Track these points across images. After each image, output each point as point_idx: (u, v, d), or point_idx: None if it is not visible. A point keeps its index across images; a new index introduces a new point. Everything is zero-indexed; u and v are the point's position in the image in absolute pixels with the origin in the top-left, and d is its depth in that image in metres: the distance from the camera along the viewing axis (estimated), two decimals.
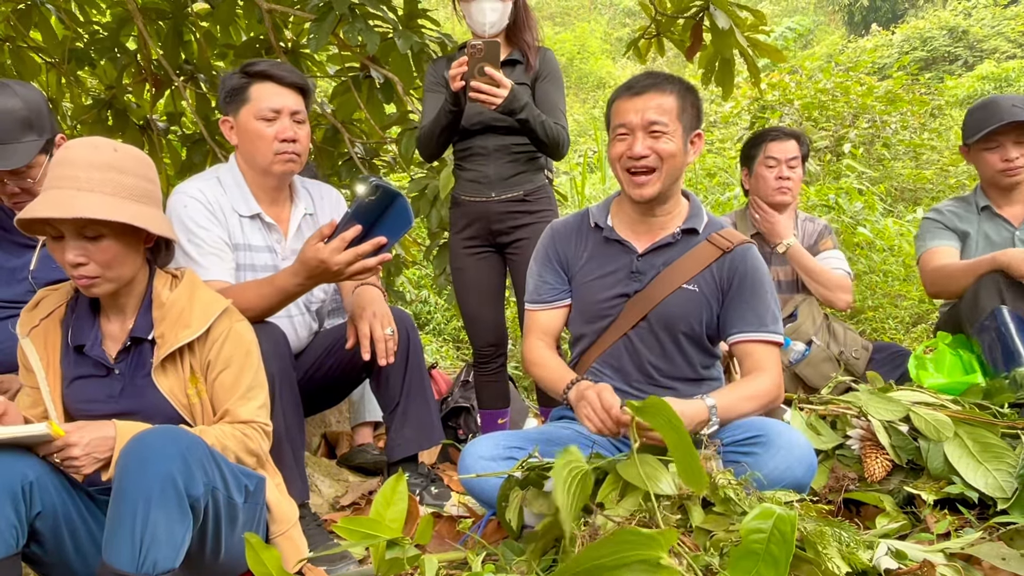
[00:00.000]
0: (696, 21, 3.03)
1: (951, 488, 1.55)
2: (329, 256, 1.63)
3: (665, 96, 1.66)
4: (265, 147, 1.88)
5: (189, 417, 1.49)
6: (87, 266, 1.39)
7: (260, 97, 1.87)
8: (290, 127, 1.88)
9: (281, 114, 1.88)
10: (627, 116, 1.67)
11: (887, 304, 4.69)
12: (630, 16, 20.69)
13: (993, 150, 2.38)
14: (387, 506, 1.31)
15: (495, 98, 2.10)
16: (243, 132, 1.90)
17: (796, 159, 2.64)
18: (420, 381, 2.06)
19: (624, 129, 1.68)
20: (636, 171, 1.67)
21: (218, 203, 1.88)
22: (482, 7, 2.21)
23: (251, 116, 1.88)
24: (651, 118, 1.64)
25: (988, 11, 14.23)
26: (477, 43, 2.07)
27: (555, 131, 2.25)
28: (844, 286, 2.56)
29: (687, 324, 1.73)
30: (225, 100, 1.91)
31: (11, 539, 1.22)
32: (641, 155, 1.65)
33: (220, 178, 1.93)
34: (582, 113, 16.06)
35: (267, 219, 1.95)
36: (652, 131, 1.65)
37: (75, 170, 1.36)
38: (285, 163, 1.90)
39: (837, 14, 19.60)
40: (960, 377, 2.11)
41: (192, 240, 1.81)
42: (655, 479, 1.32)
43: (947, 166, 7.39)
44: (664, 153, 1.65)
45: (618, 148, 1.70)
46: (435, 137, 2.31)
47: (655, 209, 1.75)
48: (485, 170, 2.34)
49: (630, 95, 1.68)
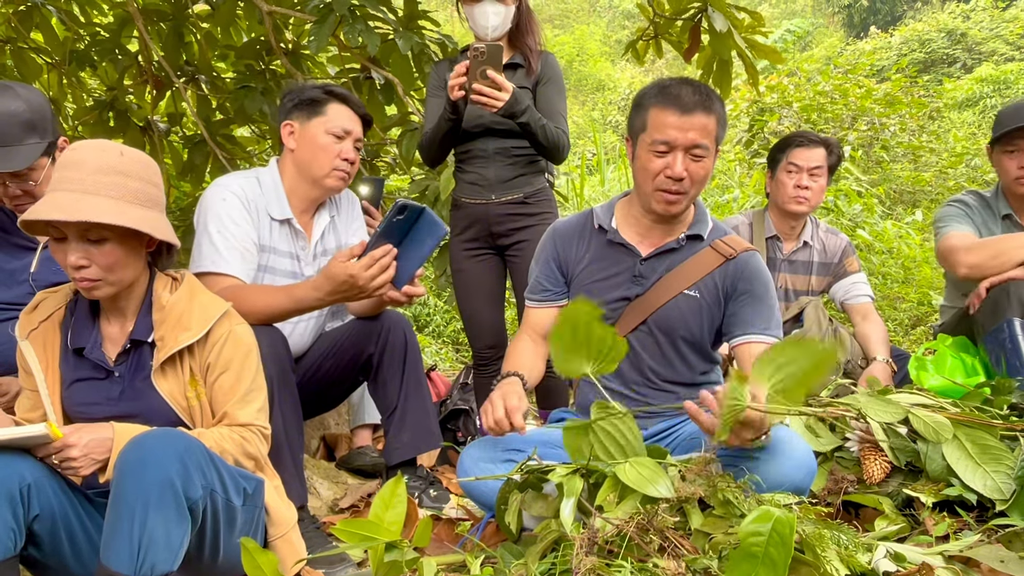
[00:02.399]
0: (694, 23, 3.03)
1: (950, 490, 1.55)
2: (358, 272, 1.68)
3: (710, 117, 1.61)
4: (327, 160, 1.96)
5: (188, 420, 1.49)
6: (89, 269, 1.39)
7: (336, 116, 1.97)
8: (352, 150, 1.99)
9: (349, 136, 1.99)
10: (670, 133, 1.61)
11: (886, 306, 4.69)
12: (629, 18, 20.71)
13: (1012, 155, 2.29)
14: (386, 508, 1.31)
15: (497, 101, 2.10)
16: (308, 141, 1.96)
17: (820, 168, 2.57)
18: (418, 385, 2.06)
19: (665, 147, 1.62)
20: (671, 190, 1.64)
21: (255, 203, 1.92)
22: (484, 10, 2.22)
23: (322, 129, 1.95)
24: (695, 140, 1.60)
25: (987, 13, 14.26)
26: (480, 46, 2.07)
27: (555, 135, 2.26)
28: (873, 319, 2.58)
29: (687, 329, 1.73)
30: (295, 106, 1.98)
31: (9, 541, 1.22)
32: (680, 176, 1.62)
33: (259, 179, 1.98)
34: (581, 115, 16.08)
35: (296, 226, 1.99)
36: (694, 154, 1.62)
37: (81, 173, 1.37)
38: (339, 180, 2.00)
39: (836, 16, 19.63)
40: (963, 379, 2.10)
41: (222, 231, 1.84)
42: (653, 482, 1.32)
43: (946, 168, 7.41)
44: (699, 177, 1.64)
45: (655, 164, 1.64)
46: (436, 144, 2.33)
47: (669, 218, 1.74)
48: (485, 173, 2.35)
49: (679, 112, 1.60)
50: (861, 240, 5.20)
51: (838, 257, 2.67)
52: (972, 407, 1.75)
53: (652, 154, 1.64)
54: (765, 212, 2.71)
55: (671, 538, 1.26)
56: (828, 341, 2.48)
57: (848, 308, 2.67)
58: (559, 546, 1.33)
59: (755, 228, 2.68)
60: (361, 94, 3.18)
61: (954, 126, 9.43)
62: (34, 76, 3.35)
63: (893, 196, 7.13)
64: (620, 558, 1.21)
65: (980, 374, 2.13)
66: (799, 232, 2.68)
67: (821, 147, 2.59)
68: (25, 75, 3.29)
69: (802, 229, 2.69)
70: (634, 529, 1.24)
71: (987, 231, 2.35)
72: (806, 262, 2.69)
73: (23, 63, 3.31)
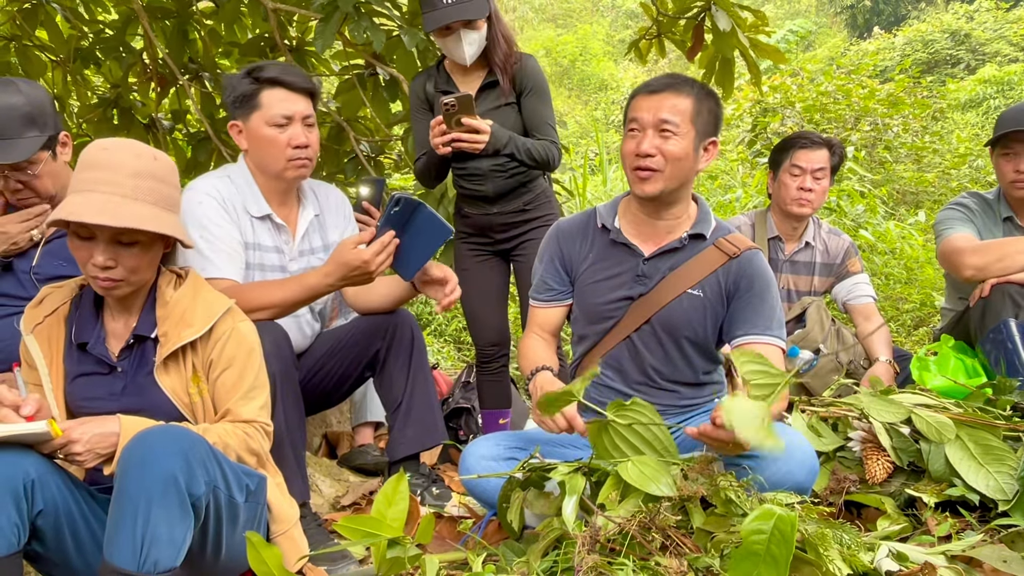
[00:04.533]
0: (697, 22, 3.03)
1: (952, 490, 1.55)
2: (371, 258, 1.74)
3: (681, 97, 1.64)
4: (278, 153, 1.88)
5: (191, 416, 1.49)
6: (115, 270, 1.41)
7: (271, 103, 1.86)
8: (302, 133, 1.88)
9: (293, 120, 1.87)
10: (640, 112, 1.66)
11: (889, 307, 4.69)
12: (632, 18, 20.69)
13: (1008, 158, 2.28)
14: (388, 505, 1.31)
15: (477, 144, 2.15)
16: (254, 138, 1.89)
17: (823, 170, 2.55)
18: (423, 381, 2.07)
19: (635, 125, 1.67)
20: (641, 168, 1.67)
21: (231, 202, 1.89)
22: (459, 43, 2.20)
23: (262, 122, 1.86)
24: (663, 117, 1.63)
25: (990, 14, 14.24)
26: (449, 100, 2.11)
27: (543, 152, 2.27)
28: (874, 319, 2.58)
29: (690, 329, 1.73)
30: (234, 104, 1.90)
31: (13, 537, 1.22)
32: (647, 153, 1.64)
33: (231, 177, 1.94)
34: (584, 115, 16.08)
35: (277, 220, 1.96)
36: (662, 130, 1.64)
37: (119, 176, 1.38)
38: (298, 169, 1.91)
39: (839, 17, 19.59)
40: (965, 380, 2.10)
41: (205, 237, 1.82)
42: (655, 481, 1.33)
43: (949, 169, 7.40)
44: (670, 154, 1.64)
45: (628, 144, 1.69)
46: (431, 174, 2.39)
47: (662, 212, 1.74)
48: (483, 189, 2.36)
49: (647, 92, 1.68)
50: (864, 241, 5.20)
51: (840, 258, 2.67)
52: (975, 407, 1.75)
53: (627, 137, 1.70)
54: (767, 213, 2.71)
55: (673, 536, 1.26)
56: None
57: (850, 309, 2.66)
58: (561, 544, 1.33)
59: (757, 229, 2.67)
60: (366, 91, 3.18)
61: (957, 127, 9.41)
62: (38, 73, 3.36)
63: (896, 197, 7.12)
64: (622, 556, 1.21)
65: (982, 375, 2.13)
66: (801, 233, 2.68)
67: (824, 148, 2.57)
68: (30, 72, 3.30)
69: (804, 230, 2.68)
70: (636, 527, 1.25)
71: (988, 234, 2.34)
72: (808, 263, 2.68)
73: (28, 60, 3.32)
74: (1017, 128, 2.21)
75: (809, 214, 2.60)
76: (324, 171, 3.49)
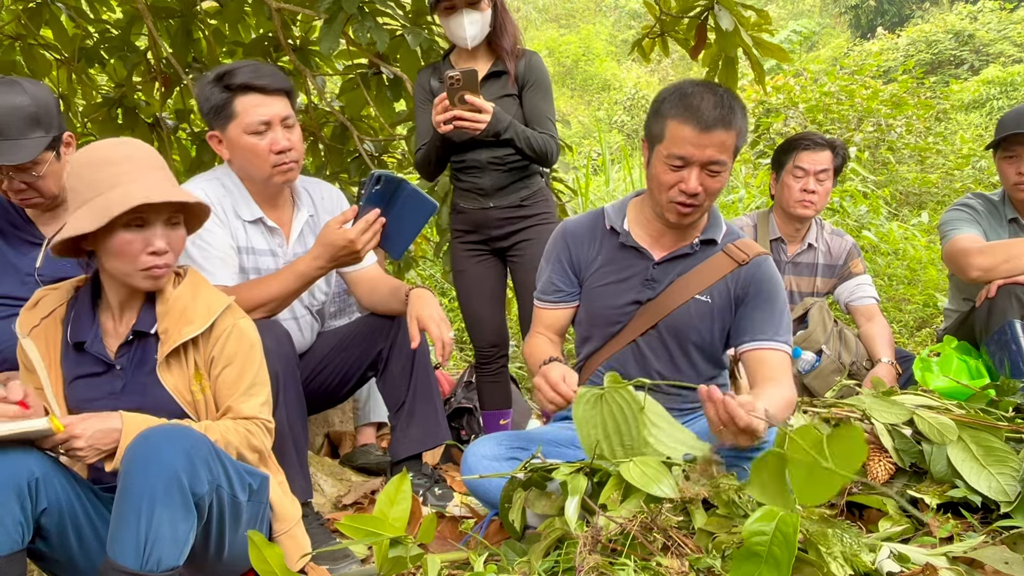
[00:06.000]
0: (701, 21, 3.02)
1: (954, 492, 1.54)
2: (356, 236, 1.75)
3: (730, 133, 1.56)
4: (261, 162, 1.83)
5: (193, 413, 1.50)
6: (167, 255, 1.44)
7: (247, 111, 1.79)
8: (283, 136, 1.82)
9: (272, 125, 1.81)
10: (687, 149, 1.56)
11: (891, 308, 4.68)
12: (635, 18, 20.68)
13: (1011, 160, 2.28)
14: (391, 505, 1.31)
15: (479, 124, 2.12)
16: (235, 147, 1.84)
17: (827, 171, 2.55)
18: (427, 381, 2.07)
19: (681, 162, 1.58)
20: (684, 203, 1.61)
21: (222, 206, 1.87)
22: (461, 21, 2.20)
23: (241, 131, 1.81)
24: (713, 157, 1.56)
25: (994, 15, 14.19)
26: (454, 74, 2.07)
27: (542, 143, 2.27)
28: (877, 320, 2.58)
29: (697, 334, 1.72)
30: (209, 115, 1.84)
31: (17, 535, 1.23)
32: (695, 192, 1.59)
33: (221, 180, 1.91)
34: (587, 115, 16.06)
35: (269, 223, 1.94)
36: (711, 169, 1.58)
37: (140, 166, 1.42)
38: (285, 173, 1.86)
39: (842, 17, 19.55)
40: (968, 381, 2.10)
41: (196, 243, 1.80)
42: (657, 481, 1.33)
43: (952, 170, 7.38)
44: (715, 190, 1.61)
45: (669, 177, 1.60)
46: (431, 164, 2.37)
47: (682, 226, 1.72)
48: (481, 182, 2.36)
49: (697, 128, 1.54)
50: (867, 241, 5.19)
51: (843, 259, 2.66)
52: (977, 409, 1.75)
53: (667, 167, 1.60)
54: (769, 214, 2.70)
55: (675, 537, 1.26)
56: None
57: (853, 310, 2.66)
58: (563, 544, 1.33)
59: (759, 230, 2.67)
60: (370, 90, 3.18)
61: (961, 128, 9.39)
62: (43, 73, 3.36)
63: (899, 197, 7.11)
64: (623, 557, 1.21)
65: (985, 376, 2.13)
66: (804, 234, 2.68)
67: (827, 149, 2.57)
68: (35, 72, 3.30)
69: (807, 231, 2.68)
70: (638, 528, 1.25)
71: (994, 235, 2.34)
72: (811, 264, 2.68)
73: (33, 60, 3.32)
74: (1018, 131, 2.21)
75: (812, 216, 2.60)
76: (328, 170, 3.49)
